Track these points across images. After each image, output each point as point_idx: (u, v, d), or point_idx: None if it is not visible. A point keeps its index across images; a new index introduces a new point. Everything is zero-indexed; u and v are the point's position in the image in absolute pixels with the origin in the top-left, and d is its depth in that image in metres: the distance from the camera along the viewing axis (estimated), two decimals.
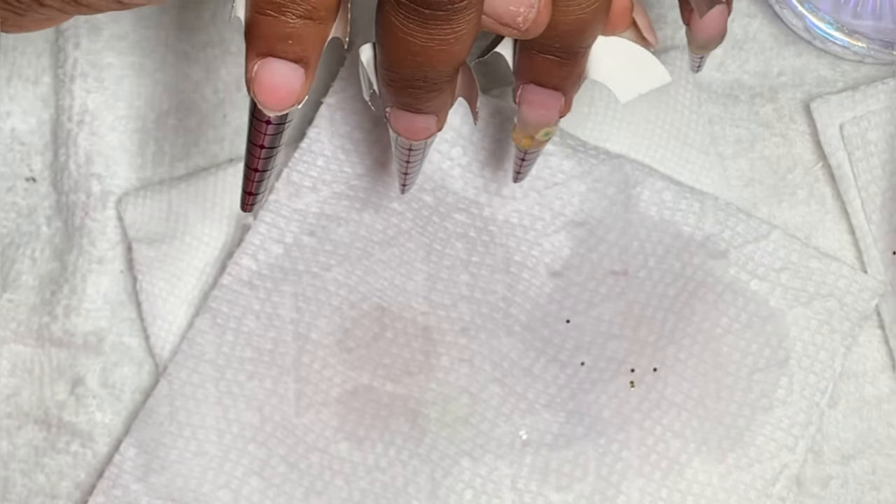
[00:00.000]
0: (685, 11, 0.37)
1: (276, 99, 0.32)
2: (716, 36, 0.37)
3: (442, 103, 0.35)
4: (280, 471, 0.45)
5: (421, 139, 0.36)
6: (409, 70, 0.32)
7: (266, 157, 0.34)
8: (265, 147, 0.34)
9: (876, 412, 0.46)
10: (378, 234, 0.47)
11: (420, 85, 0.33)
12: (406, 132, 0.36)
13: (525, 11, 0.32)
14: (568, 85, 0.36)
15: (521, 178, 0.42)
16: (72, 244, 0.48)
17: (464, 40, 0.32)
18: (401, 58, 0.32)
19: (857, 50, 0.47)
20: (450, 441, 0.45)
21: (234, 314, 0.46)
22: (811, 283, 0.45)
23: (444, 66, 0.32)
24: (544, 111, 0.37)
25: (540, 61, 0.35)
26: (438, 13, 0.30)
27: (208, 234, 0.48)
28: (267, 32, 0.31)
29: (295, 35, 0.31)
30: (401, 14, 0.31)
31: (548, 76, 0.36)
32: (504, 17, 0.32)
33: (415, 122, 0.35)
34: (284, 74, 0.32)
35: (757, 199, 0.47)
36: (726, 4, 0.36)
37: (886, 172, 0.46)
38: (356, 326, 0.46)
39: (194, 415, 0.46)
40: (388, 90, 0.34)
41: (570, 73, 0.36)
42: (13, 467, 0.47)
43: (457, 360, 0.46)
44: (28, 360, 0.48)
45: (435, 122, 0.35)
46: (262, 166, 0.34)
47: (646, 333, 0.45)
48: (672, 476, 0.44)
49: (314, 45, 0.32)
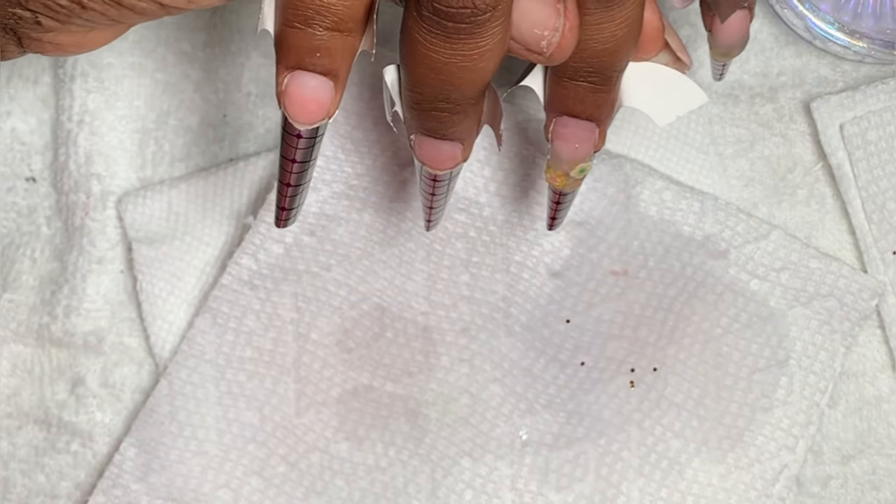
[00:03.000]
0: (707, 17, 0.36)
1: (307, 113, 0.32)
2: (738, 42, 0.37)
3: (467, 129, 0.34)
4: (280, 471, 0.45)
5: (446, 168, 0.35)
6: (433, 90, 0.32)
7: (299, 171, 0.34)
8: (297, 161, 0.33)
9: (876, 412, 0.46)
10: (378, 234, 0.47)
11: (444, 107, 0.32)
12: (431, 161, 0.35)
13: (549, 35, 0.32)
14: (603, 114, 0.35)
15: (557, 225, 0.40)
16: (72, 244, 0.48)
17: (488, 58, 0.31)
18: (424, 76, 0.31)
19: (858, 50, 0.47)
20: (450, 441, 0.45)
21: (235, 314, 0.46)
22: (811, 283, 0.45)
23: (468, 85, 0.32)
24: (578, 144, 0.36)
25: (572, 89, 0.34)
26: (461, 26, 0.30)
27: (208, 233, 0.48)
28: (295, 45, 0.31)
29: (323, 48, 0.31)
30: (424, 29, 0.30)
31: (581, 105, 0.35)
32: (528, 42, 0.32)
33: (440, 150, 0.34)
34: (314, 88, 0.31)
35: (757, 199, 0.47)
36: (748, 10, 0.36)
37: (886, 172, 0.46)
38: (356, 326, 0.46)
39: (194, 415, 0.46)
40: (412, 114, 0.33)
41: (604, 101, 0.35)
42: (13, 467, 0.47)
43: (457, 361, 0.46)
44: (28, 360, 0.48)
45: (460, 150, 0.34)
46: (295, 181, 0.34)
47: (646, 333, 0.45)
48: (672, 476, 0.44)
49: (343, 58, 0.32)
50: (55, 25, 0.34)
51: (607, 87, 0.34)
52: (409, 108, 0.33)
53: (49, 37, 0.34)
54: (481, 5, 0.29)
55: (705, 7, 0.36)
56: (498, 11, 0.30)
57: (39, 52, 0.35)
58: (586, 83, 0.34)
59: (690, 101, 0.36)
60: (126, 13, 0.33)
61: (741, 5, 0.35)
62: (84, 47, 0.36)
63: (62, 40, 0.35)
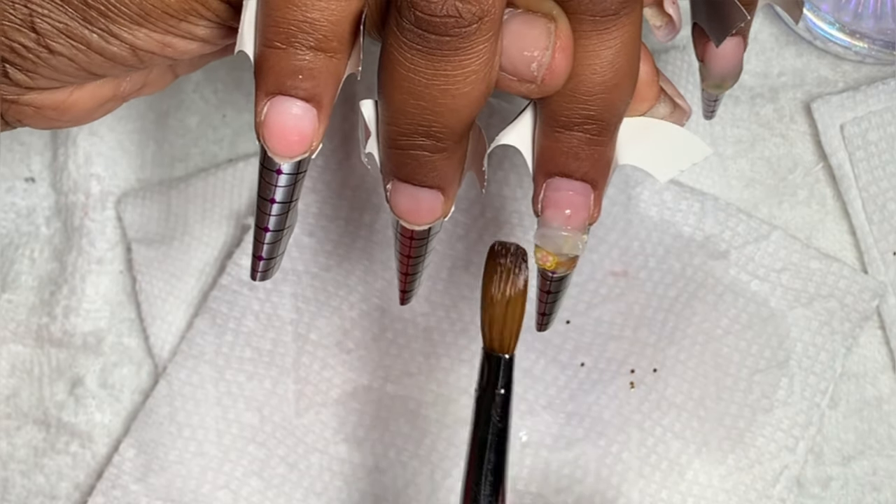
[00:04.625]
0: (699, 46, 0.35)
1: (287, 144, 0.29)
2: (732, 70, 0.35)
3: (449, 175, 0.31)
4: (279, 471, 0.45)
5: (424, 222, 0.31)
6: (413, 120, 0.29)
7: (279, 213, 0.30)
8: (276, 202, 0.30)
9: (876, 413, 0.46)
10: (378, 234, 0.47)
11: (424, 143, 0.30)
12: (408, 213, 0.31)
13: (539, 56, 0.29)
14: (599, 173, 0.31)
15: (549, 322, 0.35)
16: (71, 245, 0.48)
17: (473, 82, 0.28)
18: (403, 102, 0.29)
19: (858, 50, 0.47)
20: (450, 442, 0.45)
21: (234, 314, 0.46)
22: (812, 283, 0.45)
23: (450, 115, 0.29)
24: (571, 210, 0.31)
25: (566, 142, 0.31)
26: (445, 39, 0.28)
27: (207, 234, 0.48)
28: (276, 67, 0.29)
29: (306, 69, 0.29)
30: (404, 45, 0.28)
31: (576, 162, 0.31)
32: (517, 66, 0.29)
33: (418, 200, 0.31)
34: (295, 115, 0.29)
35: (757, 199, 0.47)
36: (742, 38, 0.34)
37: (887, 173, 0.46)
38: (356, 327, 0.46)
39: (194, 415, 0.45)
40: (388, 154, 0.30)
41: (601, 157, 0.31)
42: (12, 468, 0.47)
43: (457, 361, 0.45)
44: (27, 360, 0.48)
45: (441, 202, 0.31)
46: (275, 225, 0.30)
47: (646, 334, 0.45)
48: (672, 477, 0.44)
49: (327, 82, 0.29)
50: (25, 80, 0.32)
51: (605, 138, 0.31)
52: (386, 147, 0.30)
53: (26, 98, 0.33)
54: (467, 15, 0.27)
55: (698, 35, 0.35)
56: (485, 25, 0.28)
57: (20, 120, 0.34)
58: (582, 133, 0.31)
59: (693, 155, 0.32)
60: (96, 59, 0.31)
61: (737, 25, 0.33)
62: (67, 113, 0.34)
63: (40, 101, 0.33)
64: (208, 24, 0.31)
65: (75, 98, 0.34)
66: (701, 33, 0.35)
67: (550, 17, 0.29)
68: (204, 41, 0.31)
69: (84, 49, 0.31)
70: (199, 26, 0.31)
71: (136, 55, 0.31)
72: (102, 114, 0.36)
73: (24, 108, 0.33)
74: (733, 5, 0.32)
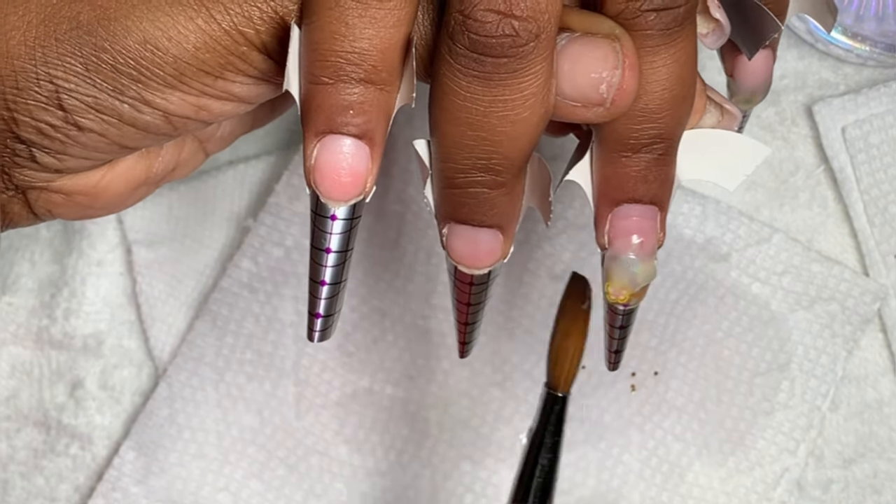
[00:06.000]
0: (728, 60, 0.34)
1: (340, 187, 0.27)
2: (762, 84, 0.34)
3: (509, 212, 0.29)
4: (279, 474, 0.45)
5: (484, 266, 0.30)
6: (470, 154, 0.28)
7: (335, 263, 0.28)
8: (332, 251, 0.28)
9: (877, 416, 0.46)
10: (378, 236, 0.47)
11: (482, 179, 0.28)
12: (467, 257, 0.30)
13: (609, 76, 0.27)
14: (666, 193, 0.30)
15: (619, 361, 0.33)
16: (71, 247, 0.48)
17: (532, 106, 0.27)
18: (460, 135, 0.27)
19: (860, 53, 0.47)
20: (450, 445, 0.45)
21: (234, 317, 0.46)
22: (813, 286, 0.45)
23: (509, 144, 0.28)
24: (642, 238, 0.30)
25: (633, 165, 0.29)
26: (502, 61, 0.26)
27: (208, 236, 0.48)
28: (325, 104, 0.27)
29: (357, 104, 0.27)
30: (458, 73, 0.27)
31: (644, 184, 0.29)
32: (584, 90, 0.28)
33: (477, 242, 0.29)
34: (348, 155, 0.27)
35: (759, 202, 0.47)
36: (772, 50, 0.33)
37: (889, 176, 0.46)
38: (356, 329, 0.46)
39: (194, 417, 0.45)
40: (444, 196, 0.29)
41: (667, 175, 0.30)
42: (12, 470, 0.47)
43: (457, 364, 0.45)
44: (27, 362, 0.48)
45: (500, 242, 0.30)
46: (332, 277, 0.28)
47: (647, 337, 0.45)
48: (673, 480, 0.44)
49: (379, 117, 0.28)
50: (53, 162, 0.30)
51: (671, 157, 0.30)
52: (442, 188, 0.29)
53: (55, 184, 0.31)
54: (524, 33, 0.26)
55: (727, 50, 0.34)
56: (542, 43, 0.26)
57: (49, 210, 0.32)
58: (649, 154, 0.29)
59: (755, 157, 0.31)
60: (128, 131, 0.30)
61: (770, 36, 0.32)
62: (99, 199, 0.32)
63: (71, 187, 0.32)
64: (245, 79, 0.29)
65: (107, 181, 0.32)
66: (730, 48, 0.34)
67: (614, 37, 0.28)
68: (240, 100, 0.30)
69: (115, 122, 0.29)
70: (235, 83, 0.29)
71: (169, 122, 0.30)
72: (136, 200, 0.34)
73: (54, 196, 0.32)
74: (766, 16, 0.31)
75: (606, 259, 0.30)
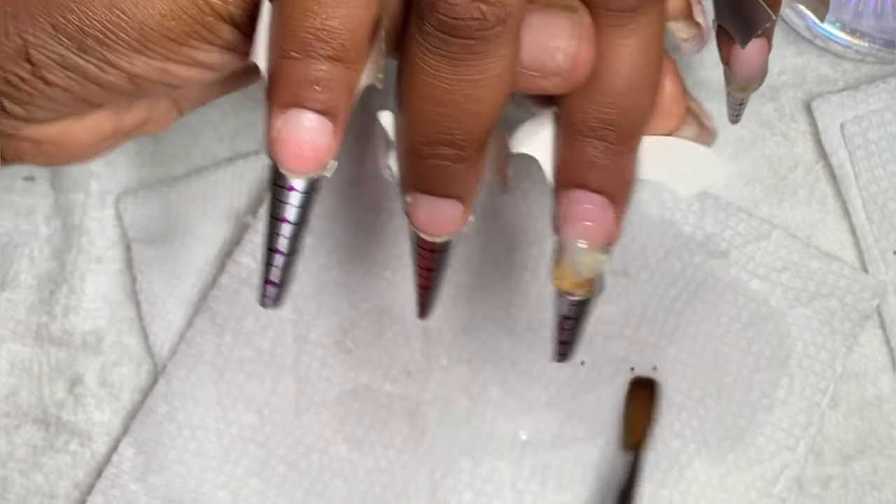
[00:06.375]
0: (723, 48, 0.34)
1: (300, 160, 0.28)
2: (757, 72, 0.34)
3: (470, 184, 0.30)
4: (279, 471, 0.45)
5: (445, 233, 0.31)
6: (435, 128, 0.28)
7: (291, 234, 0.29)
8: (290, 222, 0.29)
9: (877, 412, 0.46)
10: (378, 234, 0.47)
11: (446, 153, 0.29)
12: (428, 225, 0.31)
13: (565, 46, 0.28)
14: (618, 188, 0.30)
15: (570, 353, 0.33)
16: (70, 243, 0.48)
17: (496, 85, 0.28)
18: (425, 111, 0.28)
19: (859, 49, 0.47)
20: (449, 442, 0.45)
21: (234, 314, 0.46)
22: (812, 282, 0.45)
23: (473, 121, 0.28)
24: (590, 224, 0.30)
25: (582, 149, 0.30)
26: (468, 42, 0.27)
27: (207, 233, 0.48)
28: (292, 78, 0.28)
29: (323, 80, 0.28)
30: (426, 50, 0.27)
31: (592, 171, 0.30)
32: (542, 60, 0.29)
33: (439, 211, 0.30)
34: (310, 129, 0.28)
35: (758, 198, 0.47)
36: (766, 39, 0.34)
37: (888, 172, 0.46)
38: (355, 327, 0.46)
39: (193, 415, 0.45)
40: (409, 165, 0.30)
41: (618, 167, 0.30)
42: (11, 466, 0.47)
43: (456, 361, 0.45)
44: (27, 359, 0.48)
45: (461, 212, 0.30)
46: (288, 247, 0.29)
47: (646, 333, 0.45)
48: (672, 476, 0.44)
49: (343, 94, 0.28)
50: (21, 112, 0.31)
51: (623, 148, 0.30)
52: (407, 158, 0.30)
53: (23, 132, 0.32)
54: (491, 17, 0.27)
55: (722, 38, 0.34)
56: (508, 27, 0.27)
57: (19, 156, 0.33)
58: (599, 140, 0.30)
59: (715, 175, 0.32)
60: (92, 89, 0.30)
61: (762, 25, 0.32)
62: (66, 148, 0.33)
63: (38, 135, 0.33)
64: (210, 48, 0.30)
65: (74, 132, 0.33)
66: (725, 36, 0.34)
67: (572, 9, 0.29)
68: (205, 67, 0.31)
69: (80, 79, 0.30)
70: (200, 51, 0.30)
71: (133, 83, 0.30)
72: (105, 149, 0.35)
73: (23, 143, 0.33)
74: (758, 5, 0.31)
75: (556, 244, 0.31)
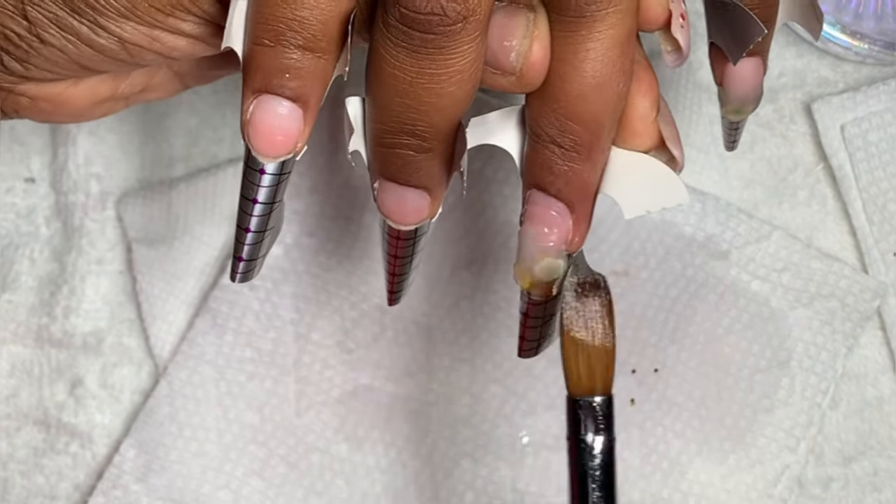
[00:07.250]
0: (717, 68, 0.34)
1: (271, 144, 0.29)
2: (752, 93, 0.34)
3: (435, 175, 0.30)
4: (280, 471, 0.45)
5: (410, 222, 0.31)
6: (398, 118, 0.29)
7: (261, 214, 0.30)
8: (259, 202, 0.30)
9: (877, 413, 0.46)
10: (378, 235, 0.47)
11: (409, 143, 0.29)
12: (394, 213, 0.31)
13: (517, 45, 0.29)
14: (574, 194, 0.30)
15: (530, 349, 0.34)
16: (71, 245, 0.48)
17: (458, 82, 0.28)
18: (388, 100, 0.29)
19: (859, 51, 0.47)
20: (451, 442, 0.45)
21: (234, 314, 0.46)
22: (812, 283, 0.45)
23: (435, 114, 0.29)
24: (547, 228, 0.30)
25: (541, 151, 0.30)
26: (429, 37, 0.28)
27: (208, 234, 0.48)
28: (264, 65, 0.29)
29: (293, 69, 0.29)
30: (389, 42, 0.28)
31: (549, 175, 0.30)
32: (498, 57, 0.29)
33: (404, 200, 0.31)
34: (281, 115, 0.29)
35: (758, 199, 0.47)
36: (761, 59, 0.34)
37: (888, 173, 0.46)
38: (356, 327, 0.46)
39: (194, 415, 0.45)
40: (375, 153, 0.30)
41: (576, 175, 0.30)
42: (12, 468, 0.47)
43: (458, 361, 0.45)
44: (27, 360, 0.48)
45: (427, 202, 0.31)
46: (257, 225, 0.30)
47: (647, 334, 0.45)
48: (673, 477, 0.44)
49: (314, 83, 0.29)
50: (19, 69, 0.32)
51: (580, 156, 0.30)
52: (373, 145, 0.30)
53: (21, 87, 0.33)
54: (451, 13, 0.27)
55: (715, 57, 0.34)
56: (470, 25, 0.28)
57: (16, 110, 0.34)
58: (555, 146, 0.30)
59: (670, 199, 0.31)
60: (86, 51, 0.31)
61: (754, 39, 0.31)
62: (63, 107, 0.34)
63: (35, 92, 0.33)
64: (196, 20, 0.31)
65: (71, 93, 0.34)
66: (718, 55, 0.34)
67: (531, 9, 0.29)
68: (193, 38, 0.32)
69: (74, 40, 0.31)
70: (186, 22, 0.31)
71: (124, 48, 0.31)
72: (102, 113, 0.36)
73: (20, 98, 0.34)
74: (750, 20, 0.31)
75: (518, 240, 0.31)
